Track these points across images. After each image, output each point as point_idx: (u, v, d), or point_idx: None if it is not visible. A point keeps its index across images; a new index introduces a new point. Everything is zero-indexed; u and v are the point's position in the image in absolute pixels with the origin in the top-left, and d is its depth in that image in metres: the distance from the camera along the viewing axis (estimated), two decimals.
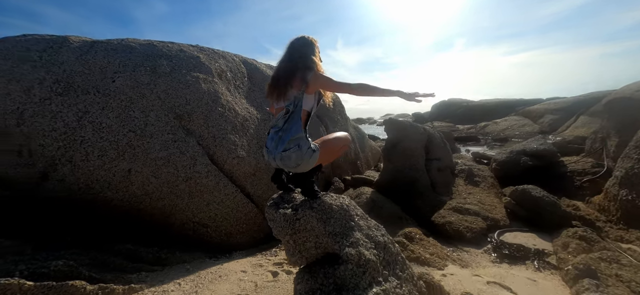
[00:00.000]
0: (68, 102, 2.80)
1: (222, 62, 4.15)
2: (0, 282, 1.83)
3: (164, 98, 3.28)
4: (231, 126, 3.71)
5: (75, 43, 3.12)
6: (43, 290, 1.96)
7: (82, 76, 2.93)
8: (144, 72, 3.24)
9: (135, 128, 2.99)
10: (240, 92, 4.25)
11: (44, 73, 2.80)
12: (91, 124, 2.83)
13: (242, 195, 3.65)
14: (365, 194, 4.61)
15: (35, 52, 2.87)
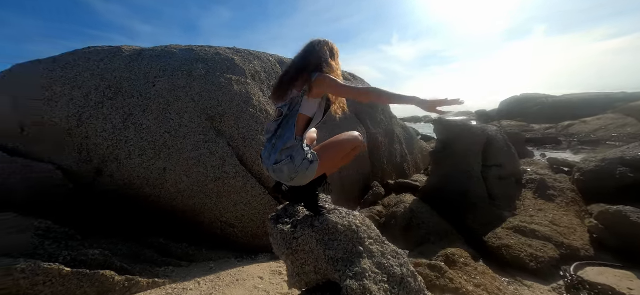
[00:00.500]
0: (116, 105, 3.11)
1: (256, 63, 4.18)
2: (44, 266, 2.08)
3: (198, 100, 3.41)
4: (262, 127, 3.69)
5: (126, 52, 3.45)
6: (78, 277, 2.18)
7: (129, 82, 3.22)
8: (181, 76, 3.42)
9: (171, 129, 3.17)
10: None
11: (99, 80, 3.15)
12: (134, 125, 3.08)
13: (271, 198, 3.60)
14: (405, 203, 4.15)
15: (94, 62, 3.26)
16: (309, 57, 1.61)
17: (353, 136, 1.75)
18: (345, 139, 1.73)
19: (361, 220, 1.72)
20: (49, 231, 2.48)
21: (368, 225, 1.73)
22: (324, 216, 1.64)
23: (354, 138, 1.74)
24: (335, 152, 1.67)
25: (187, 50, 3.75)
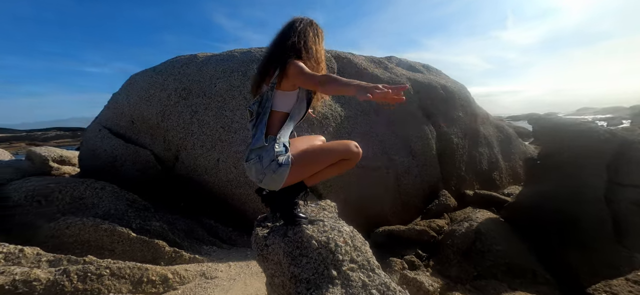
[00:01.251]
0: (187, 104, 3.69)
1: None
2: (118, 228, 2.69)
3: (249, 98, 3.67)
4: (308, 124, 3.68)
5: (200, 58, 4.05)
6: (139, 242, 2.71)
7: (198, 83, 3.77)
8: (237, 76, 3.76)
9: (225, 124, 3.54)
10: None
11: (178, 83, 3.82)
12: (198, 121, 3.60)
13: (311, 195, 3.57)
14: (473, 220, 3.36)
15: (177, 68, 3.97)
16: (285, 42, 1.41)
17: (344, 145, 1.48)
18: (332, 148, 1.48)
19: (348, 238, 1.45)
20: (134, 202, 3.20)
21: (357, 246, 1.45)
22: (299, 227, 1.47)
23: (345, 148, 1.47)
24: (316, 160, 1.45)
25: (245, 52, 4.10)
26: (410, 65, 5.44)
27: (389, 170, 4.07)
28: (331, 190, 3.70)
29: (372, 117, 4.25)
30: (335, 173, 1.54)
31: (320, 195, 3.70)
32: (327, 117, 3.86)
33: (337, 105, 4.05)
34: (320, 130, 3.74)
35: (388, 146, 4.19)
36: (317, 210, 1.72)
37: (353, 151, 1.47)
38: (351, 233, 1.48)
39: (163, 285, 2.44)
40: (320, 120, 3.79)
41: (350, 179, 3.76)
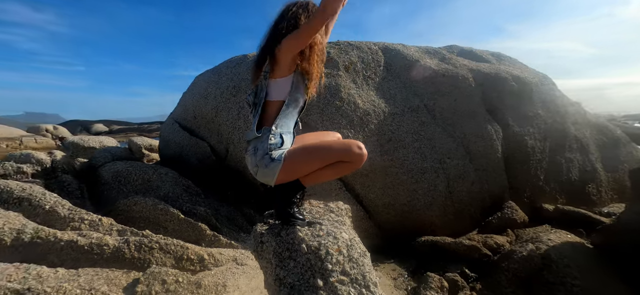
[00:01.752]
0: (236, 101, 3.99)
1: (354, 54, 4.01)
2: (170, 209, 3.09)
3: None
4: (347, 120, 3.56)
5: (250, 58, 4.31)
6: (186, 223, 3.06)
7: (246, 81, 4.03)
8: None
9: None
10: (370, 84, 3.91)
11: (230, 81, 4.16)
12: (243, 116, 3.85)
13: (347, 194, 3.46)
14: (542, 242, 2.72)
15: (231, 68, 4.32)
16: (279, 27, 1.34)
17: (344, 146, 1.35)
18: (330, 147, 1.37)
19: (343, 246, 1.33)
20: (188, 188, 3.64)
21: (352, 257, 1.31)
22: (293, 227, 1.41)
23: (345, 148, 1.34)
24: (311, 159, 1.36)
25: None
26: (474, 55, 4.71)
27: (439, 173, 3.62)
28: (371, 191, 3.50)
29: (422, 114, 3.85)
30: (333, 176, 1.42)
31: (358, 195, 3.54)
32: (369, 113, 3.65)
33: (380, 100, 3.80)
34: (360, 127, 3.58)
35: (439, 146, 3.74)
36: (323, 212, 1.63)
37: (354, 153, 1.32)
38: (349, 242, 1.35)
39: (199, 264, 2.70)
40: (360, 116, 3.61)
41: (394, 181, 3.49)
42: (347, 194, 3.46)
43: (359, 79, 3.89)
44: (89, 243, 2.49)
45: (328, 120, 3.57)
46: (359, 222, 3.42)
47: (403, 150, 3.59)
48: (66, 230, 2.63)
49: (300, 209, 1.53)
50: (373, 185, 3.53)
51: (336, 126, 3.54)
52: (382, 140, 3.60)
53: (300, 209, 1.54)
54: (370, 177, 3.51)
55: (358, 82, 3.86)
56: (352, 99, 3.67)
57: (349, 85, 3.78)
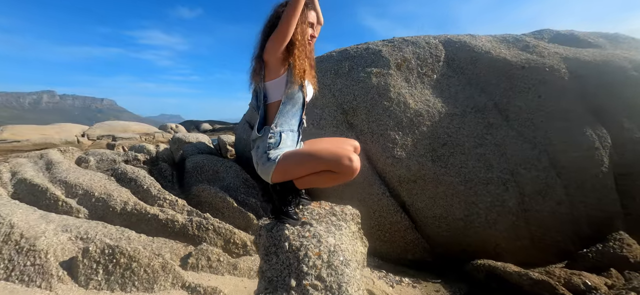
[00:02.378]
0: None
1: (408, 50, 3.72)
2: (227, 198, 3.55)
3: (338, 95, 3.76)
4: (395, 122, 3.35)
5: None
6: (237, 211, 3.46)
7: None
8: (329, 75, 3.93)
9: (314, 121, 3.82)
10: (426, 82, 3.55)
11: None
12: None
13: (391, 200, 3.26)
14: None
15: None
16: (264, 32, 1.41)
17: (333, 156, 1.30)
18: (320, 155, 1.34)
19: (324, 251, 1.31)
20: (246, 180, 4.11)
21: (332, 264, 1.28)
22: (282, 224, 1.45)
23: (333, 158, 1.29)
24: (301, 164, 1.37)
25: (341, 51, 4.17)
26: (575, 39, 3.65)
27: (509, 186, 3.01)
28: (419, 200, 3.20)
29: (490, 114, 3.26)
30: (325, 184, 1.39)
31: (403, 203, 3.29)
32: (421, 114, 3.33)
33: (437, 99, 3.41)
34: (409, 129, 3.30)
35: (512, 154, 3.10)
36: (324, 214, 1.62)
37: (342, 164, 1.27)
38: (332, 247, 1.31)
39: (242, 249, 3.04)
40: (410, 117, 3.33)
41: (448, 191, 3.10)
42: (390, 200, 3.26)
43: (412, 76, 3.59)
44: (165, 218, 3.12)
45: (374, 122, 3.43)
46: (402, 232, 3.18)
47: (461, 156, 3.14)
48: (154, 206, 3.37)
49: (302, 208, 1.56)
50: (421, 193, 3.21)
51: (383, 128, 3.37)
52: (436, 144, 3.23)
53: (302, 208, 1.57)
54: (419, 184, 3.20)
55: (411, 81, 3.56)
56: (402, 99, 3.43)
57: (400, 84, 3.53)
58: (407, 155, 3.24)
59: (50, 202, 3.28)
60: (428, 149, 3.23)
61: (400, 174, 3.23)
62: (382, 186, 3.32)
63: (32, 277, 2.26)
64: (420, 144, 3.26)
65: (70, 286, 2.27)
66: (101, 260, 2.37)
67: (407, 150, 3.25)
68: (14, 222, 2.50)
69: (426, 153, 3.21)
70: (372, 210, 3.31)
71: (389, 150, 3.29)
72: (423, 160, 3.19)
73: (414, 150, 3.25)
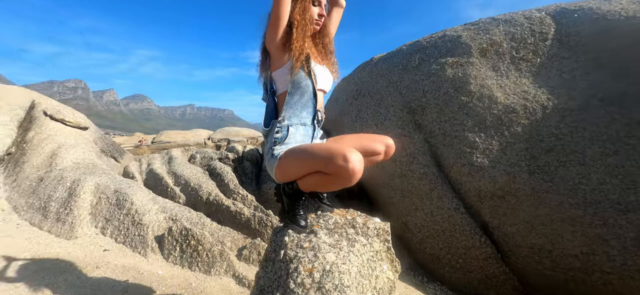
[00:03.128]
0: (355, 104, 4.06)
1: (498, 31, 2.93)
2: None
3: (405, 93, 3.33)
4: (475, 121, 2.72)
5: (375, 60, 4.23)
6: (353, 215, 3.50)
7: (366, 84, 4.00)
8: (396, 71, 3.52)
9: (378, 122, 3.51)
10: (523, 68, 2.72)
11: (353, 85, 4.29)
12: (360, 119, 3.86)
13: (467, 218, 2.64)
14: None
15: (356, 72, 4.45)
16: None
17: (328, 154, 1.14)
18: (314, 153, 1.20)
19: (318, 269, 1.14)
20: None
21: (324, 287, 1.08)
22: (284, 230, 1.34)
23: (327, 157, 1.14)
24: (298, 162, 1.26)
25: (413, 43, 3.66)
26: None
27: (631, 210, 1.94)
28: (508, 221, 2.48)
29: (634, 108, 2.19)
30: (320, 188, 1.23)
31: (484, 224, 2.62)
32: (514, 109, 2.57)
33: (539, 89, 2.54)
34: (495, 130, 2.60)
35: None
36: (341, 224, 1.42)
37: (335, 165, 1.10)
38: (329, 267, 1.14)
39: None
40: (498, 115, 2.61)
41: (555, 214, 2.27)
42: (466, 218, 2.63)
43: (503, 63, 2.81)
44: (234, 210, 3.48)
45: (447, 121, 2.87)
46: (481, 262, 2.52)
47: (579, 167, 2.23)
48: (229, 199, 3.82)
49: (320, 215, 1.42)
50: (512, 213, 2.45)
51: (458, 128, 2.78)
52: (536, 149, 2.41)
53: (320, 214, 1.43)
54: (508, 201, 2.46)
55: (501, 68, 2.80)
56: (486, 92, 2.73)
57: (484, 73, 2.83)
58: (491, 163, 2.54)
59: (163, 188, 4.18)
60: (524, 155, 2.45)
61: (481, 187, 2.57)
62: (456, 200, 2.72)
63: (136, 244, 2.89)
64: (511, 148, 2.50)
65: (157, 257, 2.78)
66: (179, 240, 2.81)
67: (492, 156, 2.55)
68: (133, 200, 3.27)
69: (520, 161, 2.44)
70: (441, 228, 2.76)
71: (465, 156, 2.67)
72: (515, 171, 2.44)
73: (501, 156, 2.52)
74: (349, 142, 1.41)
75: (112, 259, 2.64)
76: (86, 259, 2.58)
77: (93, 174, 3.80)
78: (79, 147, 4.60)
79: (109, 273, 2.42)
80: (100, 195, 3.42)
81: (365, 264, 1.23)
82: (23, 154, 4.10)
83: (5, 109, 4.47)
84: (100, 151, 5.39)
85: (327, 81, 1.44)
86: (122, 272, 2.46)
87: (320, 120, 1.46)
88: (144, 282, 2.35)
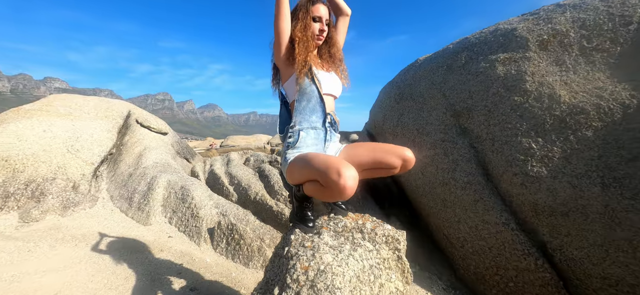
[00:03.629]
0: (398, 107, 3.91)
1: (563, 19, 2.49)
2: None
3: (449, 95, 3.08)
4: (531, 124, 2.38)
5: (419, 62, 4.01)
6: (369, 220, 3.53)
7: (409, 87, 3.82)
8: (440, 72, 3.28)
9: (420, 126, 3.33)
10: (597, 60, 2.26)
11: (397, 89, 4.13)
12: (401, 123, 3.71)
13: (519, 236, 2.32)
14: None
15: (401, 75, 4.28)
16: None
17: (324, 166, 1.18)
18: (313, 163, 1.25)
19: (313, 269, 1.19)
20: None
21: (316, 286, 1.14)
22: (292, 230, 1.42)
23: (323, 169, 1.17)
24: (302, 168, 1.33)
25: (461, 41, 3.34)
26: None
27: None
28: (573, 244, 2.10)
29: None
30: (319, 196, 1.27)
31: (542, 244, 2.26)
32: (583, 110, 2.16)
33: (619, 85, 2.08)
34: (557, 134, 2.23)
35: None
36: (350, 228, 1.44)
37: (328, 178, 1.14)
38: (323, 267, 1.19)
39: None
40: (561, 116, 2.23)
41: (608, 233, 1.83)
42: (517, 236, 2.30)
43: (570, 56, 2.38)
44: (276, 210, 3.71)
45: (497, 125, 2.56)
46: (537, 288, 2.20)
47: None
48: (273, 199, 4.09)
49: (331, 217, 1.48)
50: (579, 234, 2.06)
51: (510, 133, 2.46)
52: (613, 158, 1.98)
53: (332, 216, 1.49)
54: (574, 220, 2.07)
55: (567, 62, 2.37)
56: (546, 91, 2.36)
57: (544, 69, 2.44)
58: (550, 172, 2.18)
59: (220, 187, 4.71)
60: (595, 165, 2.03)
61: (538, 200, 2.22)
62: (506, 214, 2.40)
63: (193, 233, 3.33)
64: (577, 156, 2.11)
65: (208, 246, 3.16)
66: (226, 233, 3.14)
67: (552, 165, 2.19)
68: (194, 196, 3.78)
69: (590, 172, 2.04)
70: (487, 245, 2.46)
71: (518, 164, 2.35)
72: (583, 183, 2.04)
73: (564, 165, 2.14)
74: (358, 154, 1.42)
75: (173, 245, 3.11)
76: (155, 242, 3.10)
77: (166, 172, 4.53)
78: (159, 149, 5.52)
79: (170, 256, 2.86)
80: (170, 190, 4.05)
81: (367, 270, 1.22)
82: (120, 154, 5.12)
83: (110, 118, 5.67)
84: (176, 153, 6.35)
85: (333, 86, 1.48)
86: (179, 257, 2.87)
87: (334, 123, 1.51)
88: (194, 268, 2.70)
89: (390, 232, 1.40)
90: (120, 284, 2.27)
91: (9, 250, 2.51)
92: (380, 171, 1.42)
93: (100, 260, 2.56)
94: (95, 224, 3.41)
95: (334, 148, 1.51)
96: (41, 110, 5.01)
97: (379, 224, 1.45)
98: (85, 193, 4.04)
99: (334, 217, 1.53)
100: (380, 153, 1.40)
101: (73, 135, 4.74)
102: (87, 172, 4.40)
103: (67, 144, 4.54)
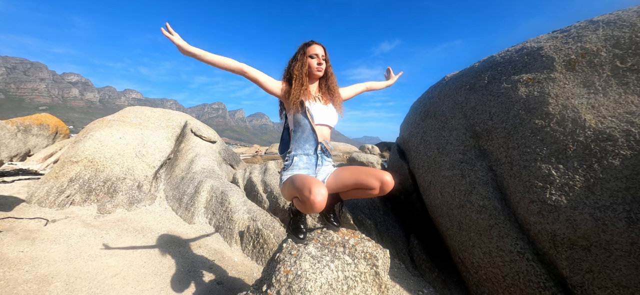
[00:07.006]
0: (422, 125, 3.90)
1: (594, 37, 2.31)
2: (347, 213, 3.82)
3: (470, 115, 3.03)
4: (553, 149, 2.27)
5: (447, 79, 3.95)
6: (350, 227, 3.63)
7: (434, 105, 3.80)
8: (463, 91, 3.22)
9: (440, 145, 3.31)
10: (632, 81, 2.07)
11: (423, 106, 4.12)
12: (424, 141, 3.71)
13: (535, 268, 2.22)
14: None
15: (428, 92, 4.25)
16: None
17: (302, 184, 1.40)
18: (296, 181, 1.49)
19: (294, 272, 1.42)
20: (373, 202, 4.20)
21: (293, 288, 1.36)
22: (286, 239, 1.66)
23: (301, 186, 1.42)
24: (288, 187, 1.57)
25: (486, 60, 3.23)
26: None
27: None
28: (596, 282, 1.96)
29: None
30: (301, 209, 1.51)
31: (561, 278, 2.13)
32: (610, 136, 2.01)
33: None
34: (580, 161, 2.10)
35: None
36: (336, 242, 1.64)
37: (303, 195, 1.38)
38: (300, 272, 1.42)
39: None
40: (586, 142, 2.10)
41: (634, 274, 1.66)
42: (533, 267, 2.18)
43: (600, 77, 2.21)
44: None
45: (516, 148, 2.48)
46: None
47: None
48: None
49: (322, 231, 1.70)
50: (602, 271, 1.90)
51: (529, 157, 2.37)
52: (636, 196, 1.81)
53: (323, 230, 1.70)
54: (596, 255, 1.93)
55: (596, 84, 2.21)
56: (570, 115, 2.22)
57: (569, 91, 2.30)
58: (570, 202, 2.06)
59: (255, 194, 5.18)
60: (621, 197, 1.87)
61: (556, 231, 2.10)
62: (521, 242, 2.30)
63: (226, 235, 3.78)
64: (602, 187, 1.96)
65: (238, 247, 3.57)
66: (253, 237, 3.52)
67: (573, 194, 2.06)
68: (230, 200, 4.27)
69: (615, 204, 1.88)
70: (501, 273, 2.37)
71: (536, 191, 2.24)
72: (607, 216, 1.89)
73: (586, 196, 2.00)
74: (344, 176, 1.61)
75: (209, 243, 3.59)
76: (195, 240, 3.61)
77: (211, 177, 5.16)
78: (207, 156, 6.27)
79: (205, 253, 3.32)
80: (212, 194, 4.62)
81: (341, 280, 1.40)
82: (176, 159, 5.98)
83: (170, 128, 6.65)
84: (222, 159, 7.11)
85: (328, 117, 1.70)
86: (213, 254, 3.32)
87: (325, 150, 1.72)
88: (223, 264, 3.10)
89: (370, 249, 1.55)
90: (164, 271, 2.75)
91: (89, 235, 3.22)
92: (362, 192, 1.58)
93: (152, 250, 3.12)
94: (152, 219, 4.09)
95: (325, 171, 1.72)
96: (119, 121, 6.15)
97: (362, 240, 1.61)
98: (146, 192, 4.85)
99: (325, 231, 1.73)
100: (362, 175, 1.56)
101: (141, 142, 5.72)
102: (149, 174, 5.26)
103: (136, 149, 5.49)
